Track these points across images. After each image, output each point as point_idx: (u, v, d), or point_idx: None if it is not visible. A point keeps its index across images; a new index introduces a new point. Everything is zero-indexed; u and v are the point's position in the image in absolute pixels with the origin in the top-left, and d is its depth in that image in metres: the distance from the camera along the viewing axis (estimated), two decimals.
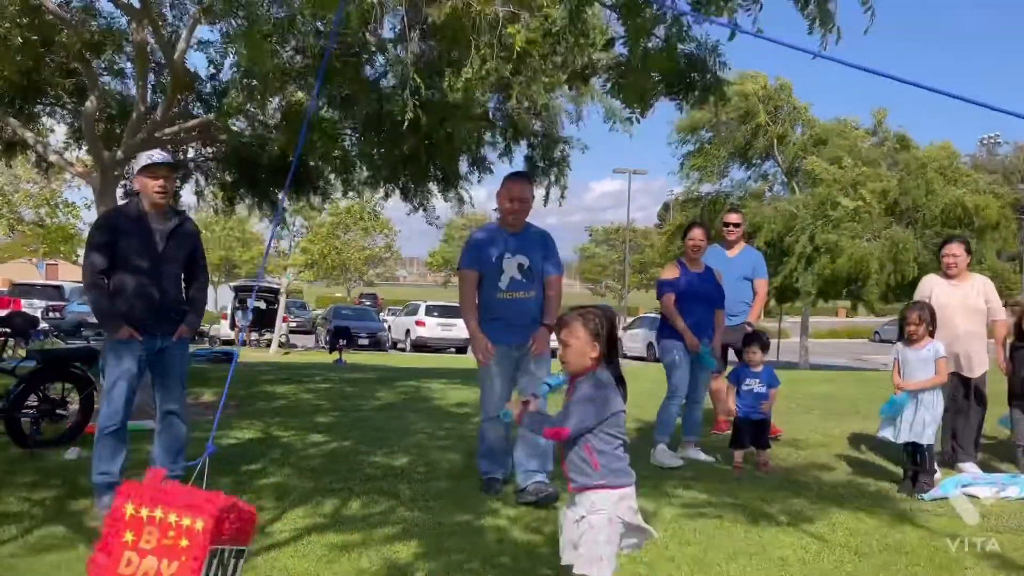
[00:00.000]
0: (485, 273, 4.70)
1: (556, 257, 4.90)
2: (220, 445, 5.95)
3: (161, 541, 2.30)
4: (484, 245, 4.74)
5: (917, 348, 5.13)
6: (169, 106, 7.37)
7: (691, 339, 5.64)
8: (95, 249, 4.23)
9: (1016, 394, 5.49)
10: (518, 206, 4.69)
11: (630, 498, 2.78)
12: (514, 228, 4.75)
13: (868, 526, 4.27)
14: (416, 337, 27.01)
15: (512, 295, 4.68)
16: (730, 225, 7.03)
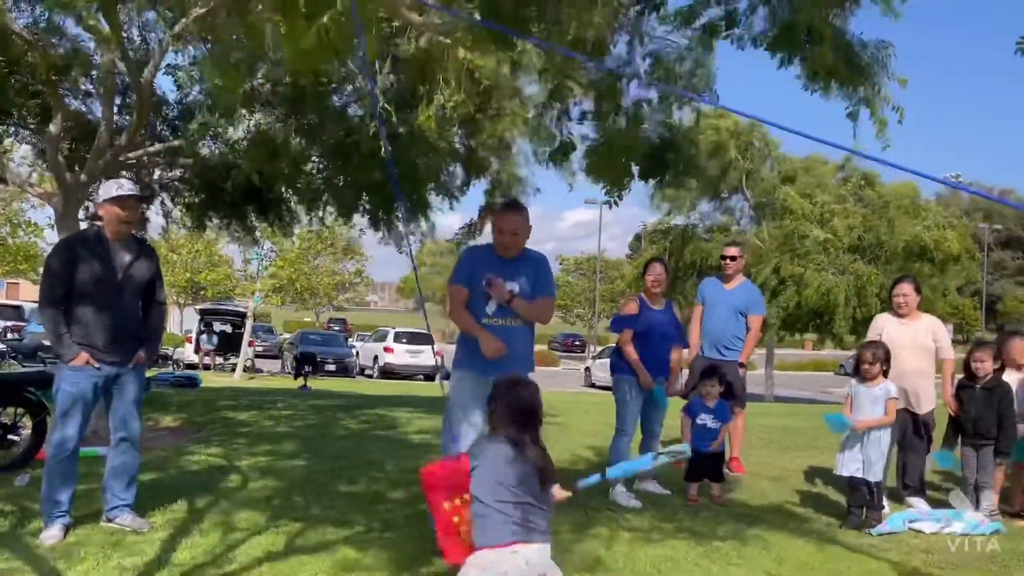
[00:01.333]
0: (473, 294, 4.49)
1: (548, 281, 4.70)
2: (179, 471, 5.90)
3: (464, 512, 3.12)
4: (475, 265, 4.55)
5: (870, 386, 5.25)
6: (136, 130, 7.37)
7: (645, 377, 5.68)
8: (53, 274, 4.22)
9: (966, 432, 5.60)
10: (509, 239, 4.50)
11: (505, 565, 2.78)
12: (508, 255, 4.57)
13: (816, 560, 4.34)
14: (384, 363, 26.83)
15: (498, 322, 4.45)
16: (727, 258, 6.86)
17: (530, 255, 4.64)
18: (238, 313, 27.82)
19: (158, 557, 3.92)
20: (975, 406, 5.52)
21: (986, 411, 5.48)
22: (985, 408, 5.48)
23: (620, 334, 5.88)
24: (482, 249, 4.76)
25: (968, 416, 5.56)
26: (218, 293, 34.95)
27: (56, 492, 4.17)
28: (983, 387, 5.53)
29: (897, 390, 5.28)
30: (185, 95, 8.11)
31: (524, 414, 2.94)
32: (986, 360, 5.57)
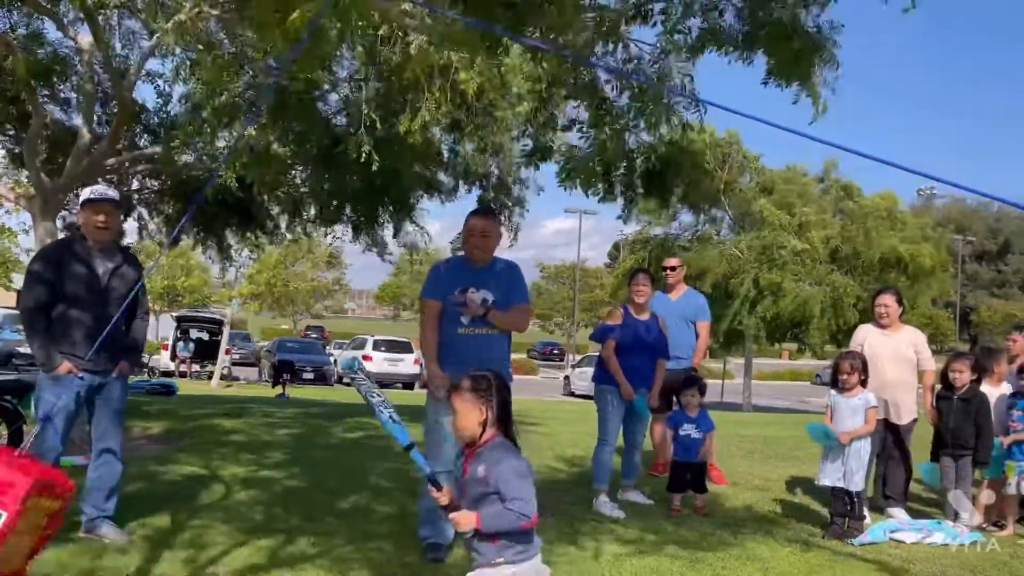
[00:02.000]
0: (447, 307, 4.46)
1: (522, 288, 4.69)
2: (159, 481, 5.83)
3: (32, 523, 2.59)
4: (449, 277, 4.54)
5: (849, 396, 5.30)
6: (115, 136, 7.31)
7: (626, 388, 5.67)
8: (36, 282, 4.16)
9: (945, 443, 5.67)
10: (480, 242, 4.51)
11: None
12: (480, 263, 4.56)
13: (800, 570, 4.37)
14: None
15: (474, 331, 4.43)
16: (668, 269, 7.09)
17: (501, 263, 4.67)
18: (215, 320, 27.61)
19: (138, 569, 3.86)
20: (953, 416, 5.59)
21: (964, 421, 5.55)
22: (963, 418, 5.55)
23: (603, 344, 5.89)
24: (454, 260, 4.82)
25: (947, 426, 5.63)
26: (195, 300, 34.67)
27: None
28: (960, 397, 5.60)
29: (877, 399, 5.33)
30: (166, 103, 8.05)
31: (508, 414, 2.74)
32: (964, 371, 5.64)
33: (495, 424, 2.67)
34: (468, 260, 4.61)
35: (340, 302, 59.40)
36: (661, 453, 6.80)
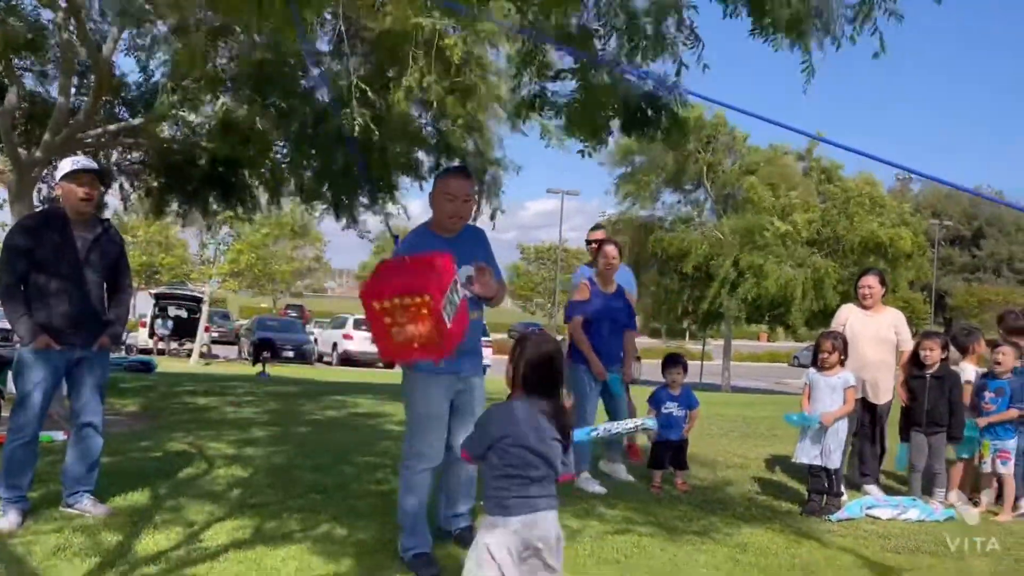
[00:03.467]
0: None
1: (494, 258, 4.14)
2: (140, 457, 5.80)
3: (409, 314, 3.20)
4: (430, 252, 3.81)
5: (828, 375, 5.36)
6: (93, 108, 7.20)
7: (597, 367, 5.60)
8: (13, 254, 4.10)
9: (917, 421, 5.77)
10: (463, 208, 3.92)
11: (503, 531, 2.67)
12: (451, 233, 3.93)
13: (778, 546, 4.43)
14: (343, 351, 26.62)
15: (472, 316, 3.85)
16: (593, 243, 6.61)
17: (468, 230, 4.08)
18: (194, 298, 27.40)
19: (120, 543, 3.85)
20: (928, 395, 5.66)
21: (939, 399, 5.63)
22: (938, 396, 5.64)
23: (570, 322, 5.77)
24: (423, 232, 3.99)
25: (920, 405, 5.70)
26: (173, 277, 34.36)
27: (15, 477, 4.07)
28: (933, 375, 5.68)
29: (856, 379, 5.39)
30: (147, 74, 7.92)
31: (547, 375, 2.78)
32: (935, 349, 5.71)
33: (520, 384, 2.79)
34: (434, 228, 3.94)
35: (320, 281, 59.05)
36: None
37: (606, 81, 5.62)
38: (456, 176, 3.99)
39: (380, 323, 3.27)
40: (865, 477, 5.97)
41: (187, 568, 3.58)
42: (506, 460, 2.71)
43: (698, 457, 6.72)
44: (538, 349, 2.79)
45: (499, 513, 2.70)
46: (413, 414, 3.88)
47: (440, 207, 3.89)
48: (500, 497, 2.71)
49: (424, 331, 3.20)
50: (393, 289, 3.24)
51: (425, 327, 3.19)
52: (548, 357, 2.79)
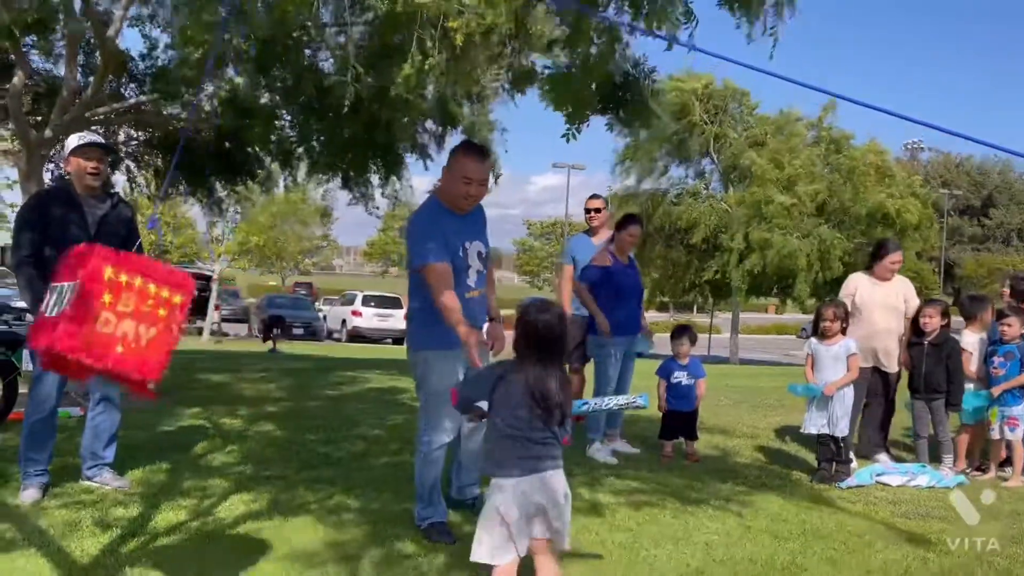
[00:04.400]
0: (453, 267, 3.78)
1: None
2: (156, 432, 5.87)
3: (139, 307, 2.43)
4: (446, 231, 3.80)
5: (829, 344, 5.36)
6: (100, 85, 7.19)
7: (603, 322, 5.63)
8: (25, 230, 4.12)
9: (917, 388, 5.78)
10: (478, 191, 3.85)
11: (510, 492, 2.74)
12: (463, 211, 3.90)
13: (788, 512, 4.47)
14: (352, 327, 26.75)
15: (478, 292, 3.92)
16: (592, 211, 6.45)
17: (477, 208, 4.03)
18: (203, 276, 27.47)
19: (139, 515, 3.91)
20: (926, 362, 5.70)
21: (936, 366, 5.68)
22: (935, 363, 5.68)
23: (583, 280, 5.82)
24: (436, 209, 3.91)
25: (919, 372, 5.73)
26: (183, 257, 34.47)
27: (35, 451, 4.13)
28: (931, 343, 5.71)
29: (856, 346, 5.37)
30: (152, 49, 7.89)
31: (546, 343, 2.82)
32: (934, 316, 5.74)
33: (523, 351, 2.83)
34: (447, 207, 3.88)
35: (328, 258, 59.16)
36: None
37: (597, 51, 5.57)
38: (475, 158, 3.86)
39: (97, 297, 2.39)
40: (875, 446, 6.00)
41: (205, 539, 3.64)
42: (508, 422, 2.78)
43: (708, 427, 6.77)
44: (540, 318, 2.83)
45: (504, 475, 2.77)
46: (429, 391, 3.85)
47: (456, 188, 3.84)
48: (504, 459, 2.78)
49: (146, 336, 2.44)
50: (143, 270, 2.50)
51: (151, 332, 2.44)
52: (549, 326, 2.83)
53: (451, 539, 3.72)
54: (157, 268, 2.54)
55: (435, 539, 3.72)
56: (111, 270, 2.40)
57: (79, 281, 2.39)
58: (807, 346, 5.57)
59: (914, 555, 3.79)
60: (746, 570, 3.50)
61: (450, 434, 3.87)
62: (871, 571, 3.55)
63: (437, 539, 3.71)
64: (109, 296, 2.39)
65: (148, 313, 2.44)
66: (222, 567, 3.28)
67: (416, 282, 3.85)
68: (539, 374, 2.78)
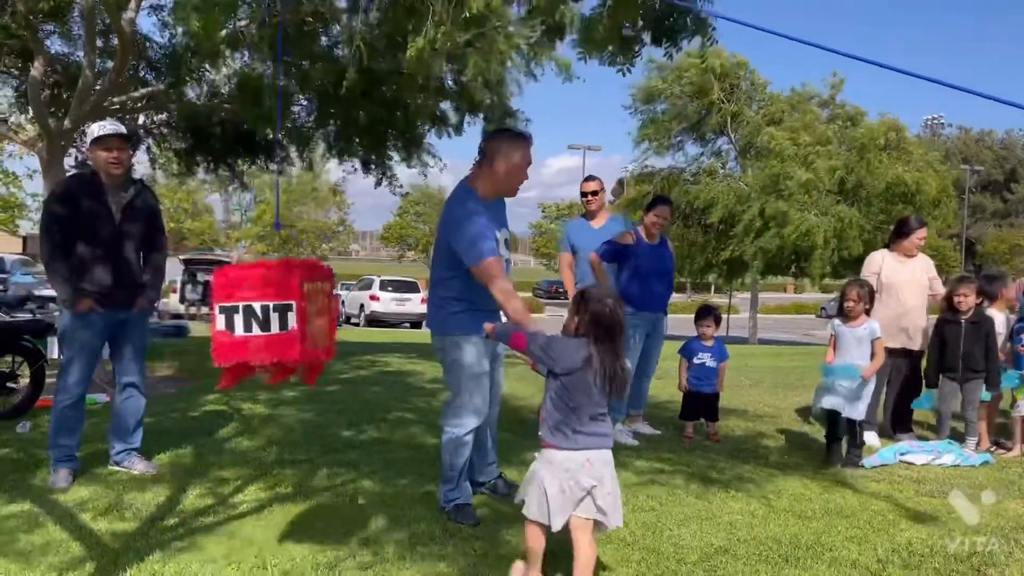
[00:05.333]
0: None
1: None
2: (181, 417, 5.94)
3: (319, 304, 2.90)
4: (490, 223, 3.77)
5: (853, 326, 5.20)
6: (119, 73, 7.21)
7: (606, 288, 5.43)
8: (52, 220, 4.16)
9: (952, 367, 5.67)
10: (524, 178, 3.92)
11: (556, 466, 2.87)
12: (494, 198, 3.93)
13: (811, 492, 4.45)
14: (370, 312, 26.87)
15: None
16: (588, 195, 6.19)
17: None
18: (222, 263, 27.61)
19: (167, 499, 3.96)
20: (964, 340, 5.56)
21: (975, 345, 5.53)
22: (974, 341, 5.54)
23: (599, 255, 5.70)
24: (475, 199, 3.85)
25: (953, 350, 5.61)
26: (201, 242, 34.69)
27: (64, 437, 4.19)
28: (969, 321, 5.58)
29: (881, 329, 5.21)
30: (171, 36, 7.91)
31: (612, 326, 2.97)
32: (969, 295, 5.59)
33: (585, 333, 2.97)
34: (483, 194, 3.86)
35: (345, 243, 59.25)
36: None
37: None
38: (528, 144, 3.88)
39: (303, 311, 2.80)
40: (900, 425, 5.96)
41: (232, 521, 3.68)
42: (565, 396, 2.93)
43: (729, 408, 6.76)
44: (606, 303, 2.99)
45: (555, 445, 2.92)
46: (464, 375, 3.83)
47: (516, 175, 3.87)
48: (559, 429, 2.92)
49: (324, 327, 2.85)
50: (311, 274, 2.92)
51: (323, 322, 2.85)
52: (614, 311, 2.98)
53: (475, 520, 3.75)
54: (312, 264, 2.94)
55: (460, 520, 3.75)
56: (307, 284, 2.85)
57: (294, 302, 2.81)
58: (830, 326, 5.46)
59: (940, 533, 3.77)
60: (770, 549, 3.50)
61: (481, 417, 3.88)
62: (896, 549, 3.53)
63: (462, 520, 3.74)
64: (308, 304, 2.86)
65: (322, 308, 2.86)
66: (248, 548, 3.32)
67: (453, 271, 3.80)
68: (609, 355, 2.94)
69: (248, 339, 2.80)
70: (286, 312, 2.79)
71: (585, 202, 6.25)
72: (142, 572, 3.03)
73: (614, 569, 3.23)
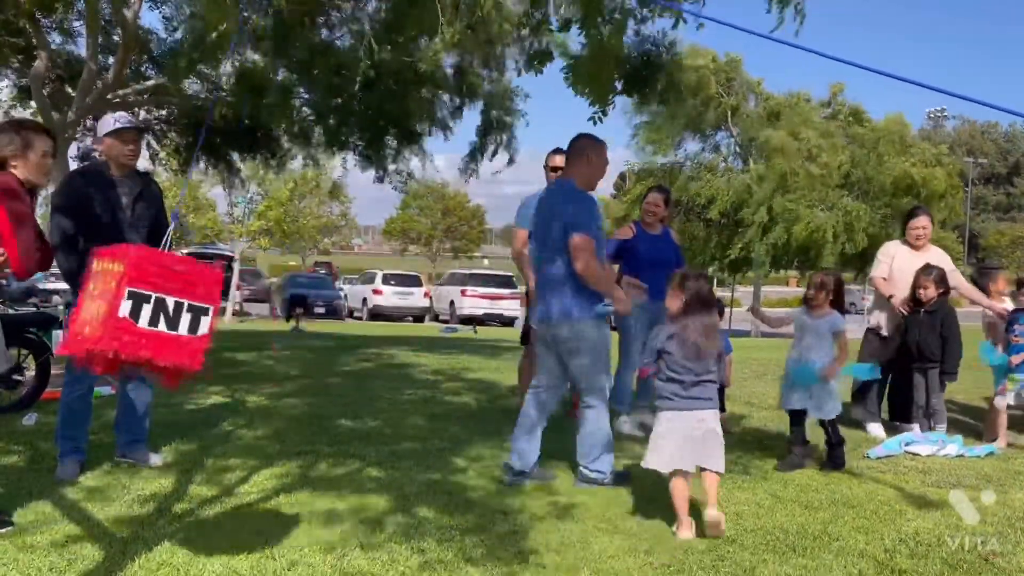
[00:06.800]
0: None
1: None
2: (185, 409, 5.95)
3: (104, 286, 2.48)
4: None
5: (815, 317, 4.88)
6: (121, 67, 7.21)
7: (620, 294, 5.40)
8: (63, 212, 4.15)
9: (911, 356, 5.63)
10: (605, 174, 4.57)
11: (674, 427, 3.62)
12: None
13: (818, 482, 4.46)
14: (373, 306, 26.87)
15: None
16: (555, 169, 5.68)
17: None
18: (225, 256, 27.64)
19: (174, 490, 3.97)
20: (919, 330, 5.56)
21: (929, 334, 5.53)
22: (928, 331, 5.53)
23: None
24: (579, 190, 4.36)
25: (912, 339, 5.59)
26: (204, 238, 34.70)
27: (71, 429, 4.19)
28: (926, 311, 5.56)
29: (843, 322, 4.86)
30: (173, 30, 7.90)
31: (708, 302, 3.78)
32: (929, 286, 5.54)
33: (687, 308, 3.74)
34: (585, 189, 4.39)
35: (347, 237, 59.32)
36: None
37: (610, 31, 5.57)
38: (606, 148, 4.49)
39: (84, 288, 2.55)
40: (903, 417, 5.94)
41: (241, 512, 3.69)
42: (671, 367, 3.66)
43: (733, 399, 6.76)
44: (702, 284, 3.77)
45: (667, 408, 3.67)
46: (603, 355, 4.28)
47: (601, 172, 4.45)
48: (668, 397, 3.66)
49: (99, 312, 2.44)
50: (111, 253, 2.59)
51: (102, 307, 2.43)
52: (709, 289, 3.81)
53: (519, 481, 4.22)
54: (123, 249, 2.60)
55: (508, 478, 4.22)
56: (96, 262, 2.54)
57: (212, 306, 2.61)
58: (793, 315, 5.16)
59: (946, 523, 3.77)
60: (778, 539, 3.50)
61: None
62: (904, 539, 3.53)
63: (510, 478, 4.22)
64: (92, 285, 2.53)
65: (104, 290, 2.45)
66: (255, 539, 3.31)
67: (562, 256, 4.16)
68: (707, 326, 3.67)
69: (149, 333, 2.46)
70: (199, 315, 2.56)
71: (554, 177, 5.67)
72: (151, 562, 3.03)
73: (622, 559, 3.23)
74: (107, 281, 2.45)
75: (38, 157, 3.44)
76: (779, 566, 3.18)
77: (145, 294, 2.44)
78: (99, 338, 2.38)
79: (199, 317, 2.54)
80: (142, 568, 2.97)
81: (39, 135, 3.48)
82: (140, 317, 2.42)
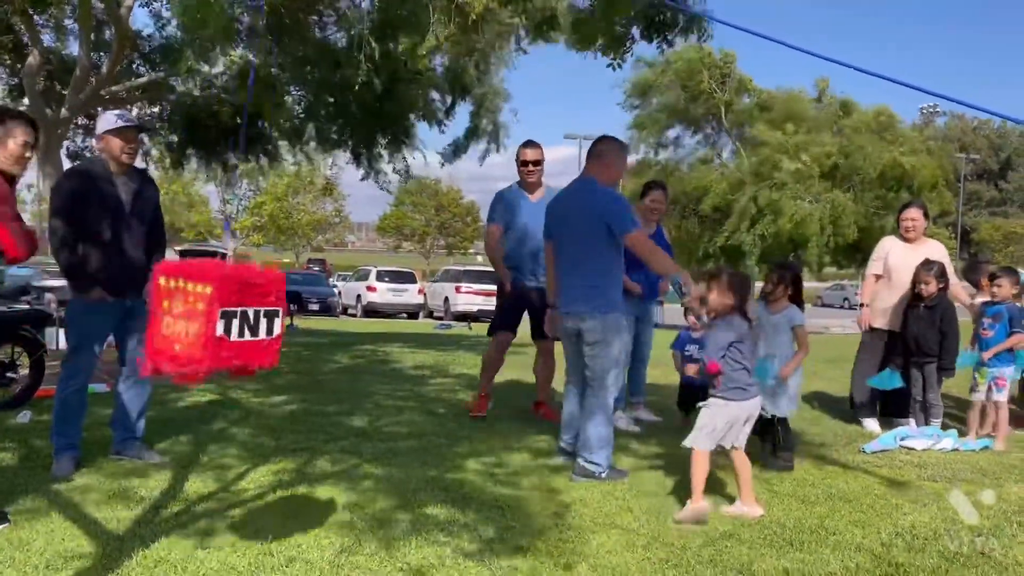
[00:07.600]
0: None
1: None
2: (179, 407, 5.93)
3: (185, 306, 2.61)
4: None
5: (772, 311, 4.78)
6: (114, 64, 7.18)
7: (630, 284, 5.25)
8: (62, 209, 4.12)
9: (909, 351, 5.69)
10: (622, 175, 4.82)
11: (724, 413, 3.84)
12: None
13: (814, 477, 4.47)
14: (367, 302, 26.83)
15: None
16: (529, 164, 5.56)
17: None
18: (218, 254, 27.56)
19: (170, 487, 3.96)
20: (917, 324, 5.60)
21: (928, 329, 5.57)
22: (927, 326, 5.57)
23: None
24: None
25: (911, 334, 5.64)
26: (197, 235, 34.62)
27: (67, 424, 4.17)
28: (925, 306, 5.60)
29: (803, 317, 4.80)
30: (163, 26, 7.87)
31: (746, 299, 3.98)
32: (930, 282, 5.57)
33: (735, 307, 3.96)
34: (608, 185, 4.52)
35: (341, 234, 59.20)
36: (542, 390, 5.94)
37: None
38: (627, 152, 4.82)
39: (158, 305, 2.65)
40: (898, 412, 5.96)
41: (237, 508, 3.68)
42: (746, 359, 3.86)
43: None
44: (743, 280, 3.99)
45: (720, 397, 3.87)
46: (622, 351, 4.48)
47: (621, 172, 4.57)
48: (743, 387, 3.84)
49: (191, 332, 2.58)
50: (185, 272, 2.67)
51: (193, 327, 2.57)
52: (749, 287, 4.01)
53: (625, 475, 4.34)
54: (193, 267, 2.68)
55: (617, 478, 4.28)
56: (163, 278, 2.64)
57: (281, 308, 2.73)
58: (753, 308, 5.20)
59: (943, 517, 3.79)
60: (775, 533, 3.51)
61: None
62: (900, 533, 3.54)
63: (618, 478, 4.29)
64: (167, 302, 2.62)
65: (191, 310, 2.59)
66: (252, 535, 3.31)
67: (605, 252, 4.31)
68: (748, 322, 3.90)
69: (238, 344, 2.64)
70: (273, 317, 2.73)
71: (525, 172, 5.58)
72: (147, 559, 3.02)
73: (620, 554, 3.24)
74: (193, 302, 2.58)
75: (17, 145, 3.43)
76: (776, 560, 3.19)
77: (233, 311, 2.61)
78: (201, 359, 2.55)
79: (273, 319, 2.73)
80: (139, 565, 2.97)
81: (19, 123, 3.47)
82: (231, 332, 2.61)
